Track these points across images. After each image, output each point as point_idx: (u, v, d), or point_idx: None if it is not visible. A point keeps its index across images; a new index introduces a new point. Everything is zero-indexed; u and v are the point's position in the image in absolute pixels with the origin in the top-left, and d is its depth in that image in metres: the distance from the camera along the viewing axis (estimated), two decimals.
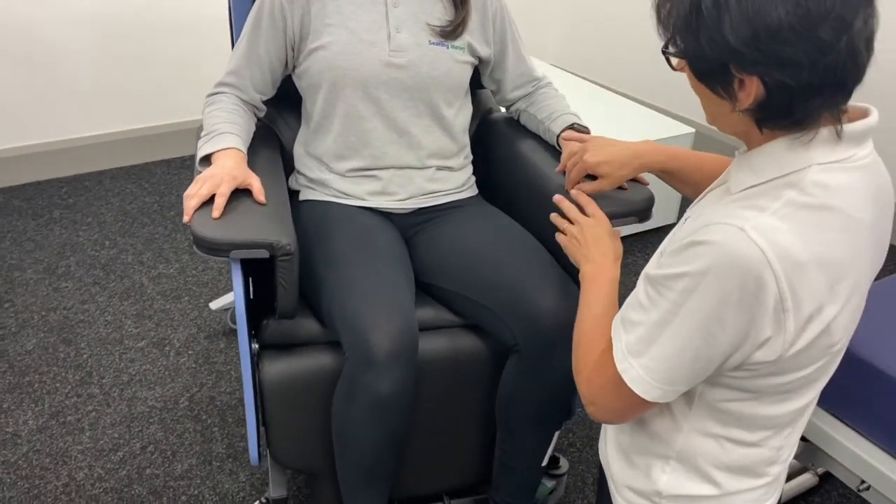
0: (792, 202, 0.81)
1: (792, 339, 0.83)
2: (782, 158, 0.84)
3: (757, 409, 0.93)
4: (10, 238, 2.60)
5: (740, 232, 0.80)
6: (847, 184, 0.83)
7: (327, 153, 1.51)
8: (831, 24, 0.75)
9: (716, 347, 0.84)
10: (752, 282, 0.79)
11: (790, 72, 0.77)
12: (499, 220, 1.50)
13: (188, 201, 1.25)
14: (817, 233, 0.81)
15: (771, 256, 0.79)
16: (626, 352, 0.90)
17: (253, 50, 1.46)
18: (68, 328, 2.19)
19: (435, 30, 1.45)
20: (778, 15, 0.75)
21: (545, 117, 1.56)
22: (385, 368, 1.23)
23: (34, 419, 1.88)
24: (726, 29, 0.78)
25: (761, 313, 0.81)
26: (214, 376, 2.04)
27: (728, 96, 0.83)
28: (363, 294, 1.28)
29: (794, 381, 0.90)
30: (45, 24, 2.77)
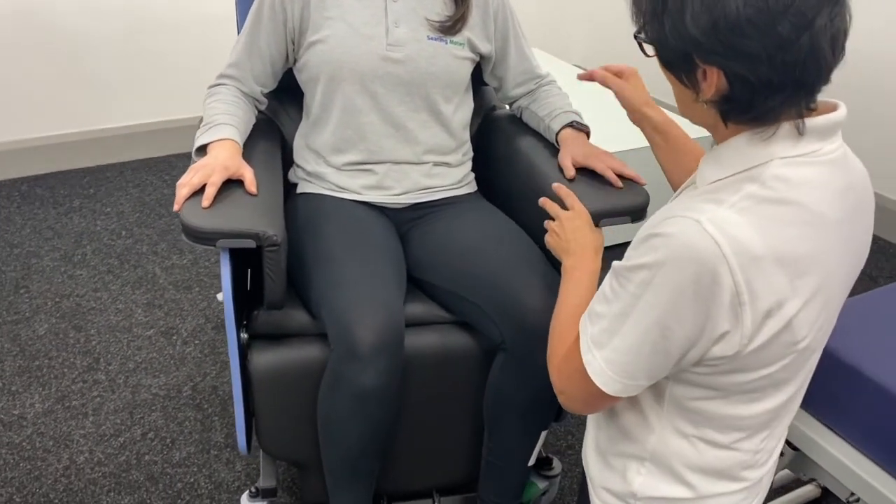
0: (751, 195, 0.80)
1: (750, 333, 0.82)
2: (745, 153, 0.83)
3: (726, 408, 0.91)
4: (30, 226, 2.65)
5: (696, 224, 0.79)
6: (810, 178, 0.82)
7: (325, 146, 1.51)
8: (790, 20, 0.74)
9: (673, 341, 0.83)
10: (707, 275, 0.78)
11: (748, 65, 0.77)
12: (493, 218, 1.49)
13: (179, 190, 1.27)
14: (776, 227, 0.80)
15: (726, 250, 0.78)
16: (590, 343, 0.90)
17: (254, 42, 1.47)
18: (80, 315, 2.23)
19: (434, 25, 1.45)
20: (736, 6, 0.75)
21: (545, 115, 1.55)
22: (369, 361, 1.23)
23: (40, 402, 1.92)
24: (688, 18, 0.78)
25: (717, 307, 0.80)
26: (219, 366, 2.06)
27: (692, 86, 0.84)
28: (350, 288, 1.28)
29: (760, 380, 0.88)
30: (70, 16, 2.82)
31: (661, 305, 0.82)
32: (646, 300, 0.83)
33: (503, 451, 1.42)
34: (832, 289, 0.87)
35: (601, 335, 0.89)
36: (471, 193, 1.60)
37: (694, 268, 0.79)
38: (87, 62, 2.93)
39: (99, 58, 2.94)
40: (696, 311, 0.81)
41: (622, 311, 0.86)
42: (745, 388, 0.89)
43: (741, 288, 0.79)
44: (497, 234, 1.44)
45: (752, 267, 0.79)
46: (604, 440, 1.05)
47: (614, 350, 0.87)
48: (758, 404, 0.92)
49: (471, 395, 1.45)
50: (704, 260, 0.78)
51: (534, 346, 1.29)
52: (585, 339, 0.92)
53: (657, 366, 0.87)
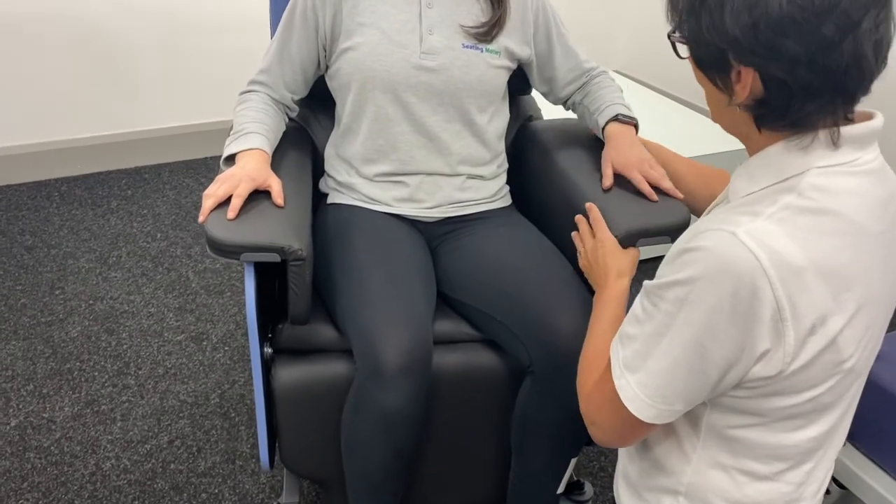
0: (788, 206, 0.77)
1: (793, 352, 0.77)
2: (780, 163, 0.80)
3: (768, 436, 0.86)
4: (68, 227, 2.67)
5: (732, 237, 0.75)
6: (849, 188, 0.77)
7: (356, 156, 1.48)
8: (835, 21, 0.71)
9: (710, 361, 0.78)
10: (746, 290, 0.74)
11: (787, 67, 0.74)
12: (527, 234, 1.44)
13: (205, 201, 1.24)
14: (816, 237, 0.75)
15: (765, 262, 0.73)
16: (622, 367, 0.86)
17: (285, 49, 1.44)
18: (112, 318, 2.23)
19: (469, 32, 1.40)
20: (780, 4, 0.72)
21: (595, 109, 1.49)
22: (393, 383, 1.19)
23: (70, 406, 1.91)
24: (727, 15, 0.75)
25: (757, 324, 0.75)
26: (247, 374, 2.04)
27: (725, 88, 0.81)
28: (377, 306, 1.24)
29: (804, 404, 0.82)
30: (110, 19, 2.84)
31: (698, 323, 0.77)
32: (681, 318, 0.78)
33: (530, 477, 1.37)
34: (876, 305, 0.81)
35: (634, 358, 0.84)
36: (505, 207, 1.55)
37: (731, 282, 0.74)
38: (125, 64, 2.94)
39: (137, 60, 2.95)
40: (735, 329, 0.76)
41: (655, 331, 0.81)
42: (788, 414, 0.84)
43: (783, 303, 0.74)
44: (530, 252, 1.38)
45: (794, 280, 0.74)
46: (636, 472, 1.00)
47: (648, 373, 0.83)
48: (801, 432, 0.86)
49: (496, 416, 1.40)
50: (742, 274, 0.74)
51: (564, 370, 1.24)
52: (617, 363, 0.87)
53: (694, 389, 0.81)
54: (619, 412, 0.86)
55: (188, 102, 3.10)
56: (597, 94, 1.51)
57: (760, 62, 0.75)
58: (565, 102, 1.58)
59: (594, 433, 0.94)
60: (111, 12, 2.83)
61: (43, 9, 2.73)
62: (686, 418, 0.91)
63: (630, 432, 0.90)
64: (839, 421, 0.90)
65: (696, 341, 0.78)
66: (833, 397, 0.85)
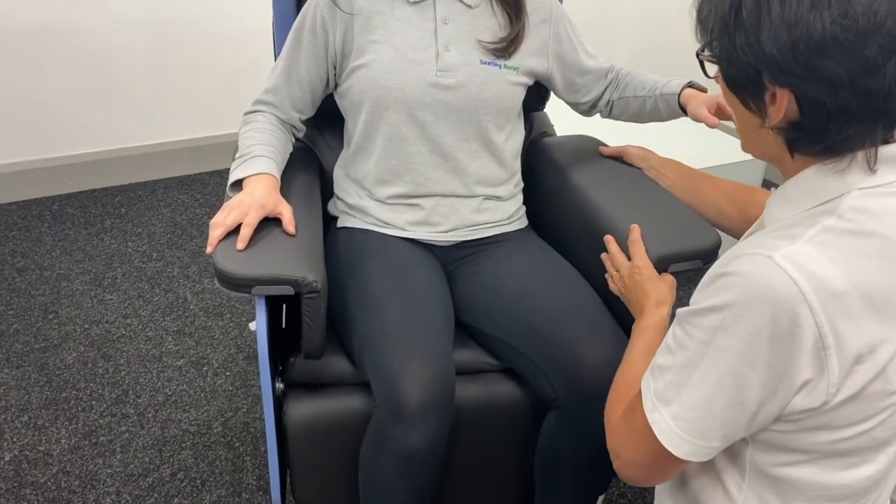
0: (829, 228, 0.73)
1: (838, 381, 0.72)
2: (817, 186, 0.77)
3: (818, 475, 0.80)
4: (60, 247, 2.59)
5: (769, 261, 0.71)
6: (892, 209, 0.74)
7: (368, 177, 1.41)
8: (879, 42, 0.68)
9: (749, 392, 0.74)
10: (785, 316, 0.70)
11: (827, 89, 0.71)
12: (547, 258, 1.38)
13: (213, 230, 1.17)
14: (859, 260, 0.72)
15: (804, 287, 0.69)
16: (655, 400, 0.81)
17: (293, 67, 1.38)
18: (109, 343, 2.15)
19: (487, 47, 1.35)
20: (822, 24, 0.69)
21: (650, 89, 1.45)
22: (415, 421, 1.13)
23: (67, 438, 1.84)
24: (764, 34, 0.72)
25: (798, 352, 0.71)
26: (250, 400, 1.97)
27: (758, 110, 0.77)
28: (396, 338, 1.17)
29: (854, 439, 0.77)
30: (100, 33, 2.77)
31: (734, 352, 0.73)
32: (716, 347, 0.74)
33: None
34: None
35: (667, 390, 0.79)
36: (522, 229, 1.49)
37: (769, 308, 0.70)
38: (118, 79, 2.87)
39: (130, 74, 2.88)
40: (775, 358, 0.72)
41: (689, 360, 0.77)
42: (838, 450, 0.78)
43: (824, 330, 0.71)
44: (552, 278, 1.32)
45: (836, 305, 0.70)
46: None
47: (683, 405, 0.78)
48: (855, 470, 0.81)
49: (520, 450, 1.34)
50: (781, 299, 0.70)
51: (591, 405, 1.17)
52: (648, 395, 0.82)
53: (732, 423, 0.76)
54: (649, 447, 0.82)
55: (182, 117, 3.03)
56: (640, 80, 1.48)
57: (798, 83, 0.72)
58: (595, 105, 1.53)
59: (619, 466, 0.89)
60: (103, 26, 2.76)
61: (33, 23, 2.66)
62: (729, 457, 0.86)
63: (658, 469, 0.85)
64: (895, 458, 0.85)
65: (733, 371, 0.74)
66: (887, 433, 0.79)
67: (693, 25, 0.82)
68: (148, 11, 2.80)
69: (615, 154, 1.50)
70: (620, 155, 1.49)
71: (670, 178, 1.39)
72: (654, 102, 1.44)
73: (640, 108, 1.47)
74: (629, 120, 1.52)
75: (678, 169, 1.39)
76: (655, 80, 1.45)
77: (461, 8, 1.35)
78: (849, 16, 0.69)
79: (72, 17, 2.70)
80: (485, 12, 1.36)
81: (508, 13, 1.36)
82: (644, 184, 1.41)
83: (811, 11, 0.70)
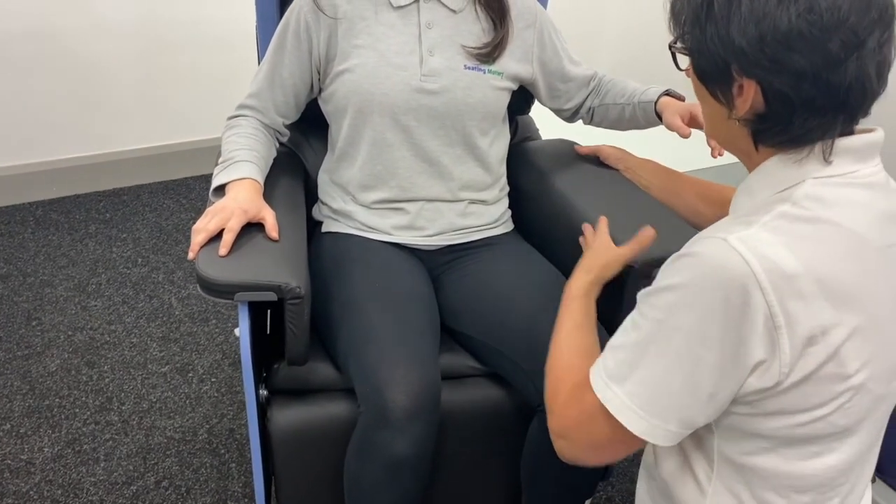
0: (783, 214, 0.76)
1: (790, 362, 0.74)
2: (776, 176, 0.80)
3: (782, 464, 0.82)
4: (44, 253, 2.57)
5: (723, 243, 0.74)
6: (847, 198, 0.77)
7: (352, 182, 1.41)
8: (842, 38, 0.72)
9: (703, 371, 0.75)
10: (737, 295, 0.72)
11: (791, 81, 0.74)
12: (532, 262, 1.38)
13: (195, 236, 1.16)
14: (811, 245, 0.75)
15: (756, 268, 0.72)
16: (606, 379, 0.81)
17: (276, 72, 1.37)
18: (93, 350, 2.13)
19: (471, 52, 1.34)
20: (789, 18, 0.72)
21: (629, 96, 1.45)
22: (402, 427, 1.12)
23: (50, 446, 1.82)
24: (734, 27, 0.75)
25: (750, 331, 0.73)
26: (236, 407, 1.95)
27: (725, 101, 0.80)
28: (381, 344, 1.17)
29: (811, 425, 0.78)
30: (85, 37, 2.75)
31: (688, 330, 0.75)
32: (670, 325, 0.76)
33: None
34: (887, 323, 0.78)
35: (619, 367, 0.80)
36: (507, 233, 1.48)
37: (722, 287, 0.73)
38: (102, 83, 2.85)
39: (115, 79, 2.86)
40: (727, 336, 0.73)
41: (644, 339, 0.78)
42: (798, 436, 0.80)
43: (775, 309, 0.73)
44: (537, 281, 1.32)
45: (787, 287, 0.73)
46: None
47: (637, 383, 0.79)
48: (818, 460, 0.82)
49: (506, 455, 1.34)
50: (733, 279, 0.73)
51: None
52: (599, 375, 0.83)
53: (688, 405, 0.78)
54: (602, 426, 0.82)
55: (167, 122, 3.01)
56: (620, 88, 1.48)
57: (765, 75, 0.75)
58: (577, 112, 1.53)
59: (563, 448, 0.88)
60: (87, 31, 2.74)
61: (17, 28, 2.64)
62: (698, 448, 0.87)
63: (610, 448, 0.85)
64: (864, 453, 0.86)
65: (687, 349, 0.76)
66: (848, 420, 0.80)
67: (666, 18, 0.85)
68: (132, 16, 2.78)
69: (591, 152, 1.51)
70: (596, 154, 1.50)
71: (647, 178, 1.41)
72: (633, 110, 1.44)
73: (620, 116, 1.48)
74: (610, 127, 1.53)
75: (655, 169, 1.40)
76: (635, 88, 1.46)
77: (445, 13, 1.34)
78: (814, 11, 0.72)
79: (56, 21, 2.68)
80: (469, 17, 1.36)
81: (492, 18, 1.36)
82: (624, 187, 1.42)
83: (778, 6, 0.73)
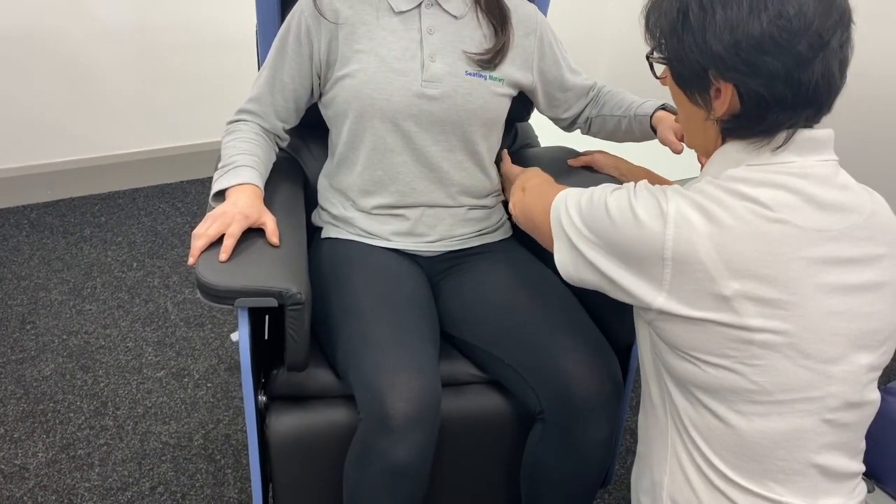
0: (706, 185, 0.86)
1: (669, 288, 0.86)
2: (721, 160, 0.89)
3: (718, 423, 0.89)
4: (38, 256, 2.56)
5: (661, 192, 0.89)
6: (773, 181, 0.84)
7: (352, 188, 1.40)
8: (809, 40, 0.80)
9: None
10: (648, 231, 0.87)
11: (765, 82, 0.81)
12: (532, 269, 1.38)
13: (195, 241, 1.16)
14: (720, 210, 0.83)
15: (671, 209, 0.85)
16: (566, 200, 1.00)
17: (277, 76, 1.36)
18: (88, 354, 2.12)
19: (472, 58, 1.34)
20: (761, 25, 0.80)
21: (626, 108, 1.46)
22: (402, 434, 1.11)
23: (44, 451, 1.80)
24: (710, 35, 0.82)
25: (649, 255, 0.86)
26: (232, 412, 1.94)
27: (703, 104, 0.88)
28: (382, 351, 1.16)
29: (723, 373, 0.86)
30: (81, 40, 2.74)
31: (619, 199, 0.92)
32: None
33: None
34: (813, 301, 0.83)
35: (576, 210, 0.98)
36: (506, 240, 1.48)
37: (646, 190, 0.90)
38: (98, 86, 2.84)
39: (111, 81, 2.85)
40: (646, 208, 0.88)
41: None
42: (720, 387, 0.87)
43: (668, 243, 0.84)
44: (538, 289, 1.32)
45: (687, 230, 0.83)
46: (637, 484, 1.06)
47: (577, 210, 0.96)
48: (757, 420, 0.87)
49: (506, 462, 1.33)
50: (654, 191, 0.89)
51: (577, 417, 1.17)
52: (564, 199, 1.01)
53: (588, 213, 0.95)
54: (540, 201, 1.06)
55: (163, 125, 3.00)
56: (618, 99, 1.49)
57: (741, 78, 0.82)
58: (575, 121, 1.54)
59: (514, 203, 1.16)
60: (83, 33, 2.73)
61: (12, 29, 2.63)
62: (661, 405, 0.97)
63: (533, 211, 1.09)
64: (811, 435, 0.88)
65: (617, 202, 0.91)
66: (766, 379, 0.85)
67: (642, 32, 0.92)
68: (129, 18, 2.77)
69: (585, 164, 1.51)
70: (590, 164, 1.50)
71: None
72: (629, 123, 1.45)
73: (616, 127, 1.48)
74: (606, 138, 1.53)
75: (647, 176, 1.41)
76: (632, 101, 1.46)
77: (447, 19, 1.34)
78: (783, 17, 0.79)
79: (52, 23, 2.67)
80: (470, 23, 1.36)
81: (494, 25, 1.36)
82: None
83: (750, 15, 0.80)
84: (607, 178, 1.47)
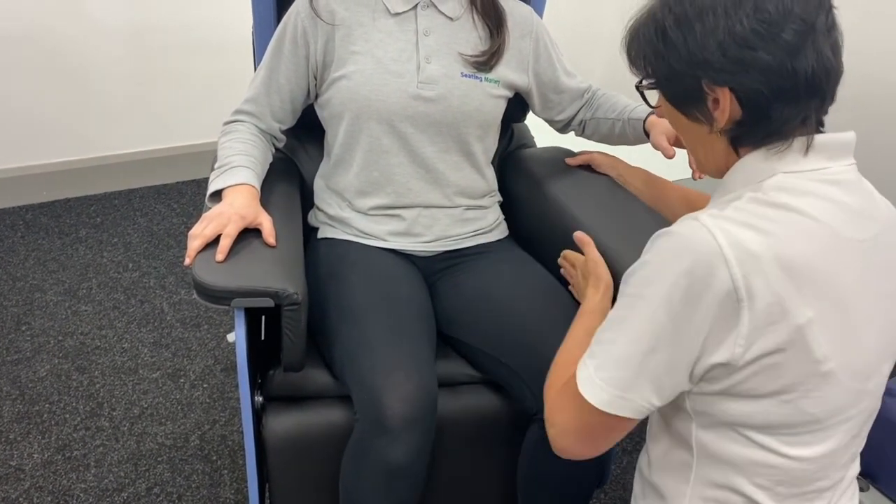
0: (752, 200, 0.81)
1: (747, 334, 0.77)
2: (750, 171, 0.84)
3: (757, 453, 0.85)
4: (34, 257, 2.55)
5: (695, 221, 0.79)
6: (815, 191, 0.81)
7: (349, 188, 1.40)
8: (793, 26, 0.78)
9: (662, 338, 0.78)
10: (702, 268, 0.76)
11: (760, 77, 0.79)
12: (528, 269, 1.38)
13: (191, 241, 1.16)
14: (775, 227, 0.78)
15: (722, 242, 0.76)
16: (586, 359, 0.85)
17: (273, 77, 1.37)
18: (84, 355, 2.12)
19: (468, 60, 1.35)
20: (741, 24, 0.78)
21: (620, 112, 1.46)
22: (399, 435, 1.12)
23: (39, 452, 1.80)
24: (693, 46, 0.81)
25: (711, 302, 0.77)
26: (228, 413, 1.94)
27: (704, 118, 0.85)
28: (378, 351, 1.16)
29: (779, 410, 0.80)
30: (77, 40, 2.74)
31: (654, 298, 0.78)
32: (641, 296, 0.80)
33: None
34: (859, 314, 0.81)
35: (597, 346, 0.84)
36: (503, 240, 1.48)
37: (689, 259, 0.77)
38: (94, 87, 2.84)
39: (107, 82, 2.85)
40: (690, 306, 0.77)
41: (619, 315, 0.83)
42: (770, 423, 0.82)
43: (738, 283, 0.76)
44: (534, 289, 1.32)
45: (751, 263, 0.76)
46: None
47: (607, 356, 0.83)
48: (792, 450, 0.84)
49: (503, 463, 1.34)
50: (699, 251, 0.77)
51: None
52: (584, 357, 0.86)
53: (649, 372, 0.80)
54: (576, 405, 0.84)
55: (159, 126, 3.00)
56: (612, 103, 1.49)
57: (735, 78, 0.80)
58: (569, 124, 1.54)
59: (552, 435, 0.90)
60: (79, 33, 2.73)
61: (8, 30, 2.62)
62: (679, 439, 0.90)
63: (589, 431, 0.86)
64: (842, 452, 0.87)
65: (654, 318, 0.79)
66: (818, 409, 0.82)
67: (626, 65, 0.90)
68: (126, 19, 2.77)
69: (583, 163, 1.51)
70: (587, 163, 1.51)
71: (637, 185, 1.42)
72: (623, 126, 1.45)
73: (610, 131, 1.49)
74: (600, 141, 1.54)
75: (645, 177, 1.41)
76: (626, 104, 1.47)
77: (442, 20, 1.35)
78: (760, 10, 0.78)
79: (48, 23, 2.66)
80: (466, 25, 1.36)
81: (489, 26, 1.36)
82: (617, 193, 1.43)
83: (727, 18, 0.79)
84: (605, 178, 1.48)
